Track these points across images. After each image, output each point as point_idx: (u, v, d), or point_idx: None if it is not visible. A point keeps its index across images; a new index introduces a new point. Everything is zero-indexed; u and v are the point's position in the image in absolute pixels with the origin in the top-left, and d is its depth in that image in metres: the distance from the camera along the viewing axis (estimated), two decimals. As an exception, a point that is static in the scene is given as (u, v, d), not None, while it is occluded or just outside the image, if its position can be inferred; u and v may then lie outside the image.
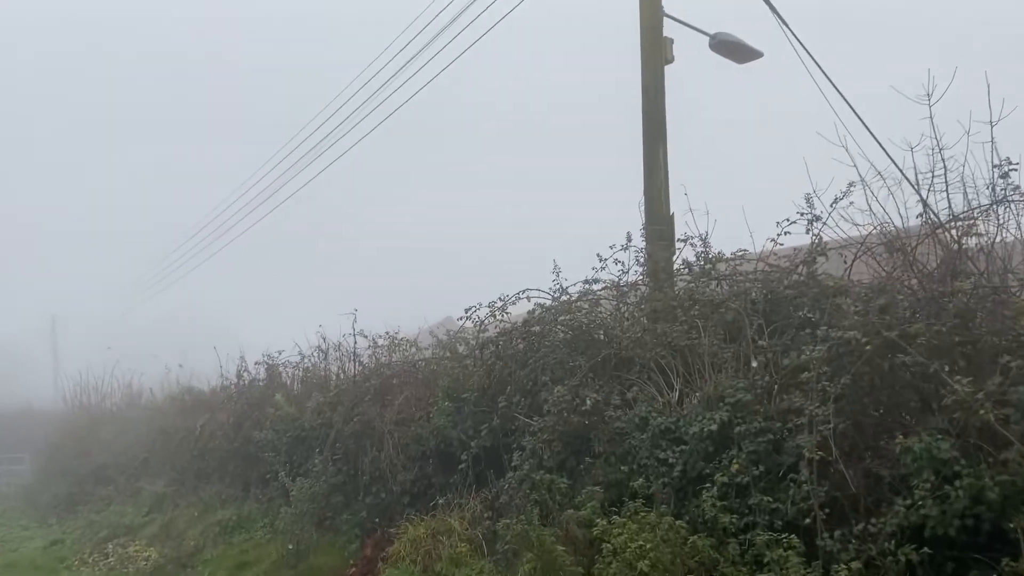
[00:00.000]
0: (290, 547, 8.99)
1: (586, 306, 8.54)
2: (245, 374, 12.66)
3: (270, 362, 12.26)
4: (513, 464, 7.68)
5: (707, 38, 9.90)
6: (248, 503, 11.44)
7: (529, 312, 8.78)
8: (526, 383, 8.35)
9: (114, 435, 18.00)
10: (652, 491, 6.35)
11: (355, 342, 10.84)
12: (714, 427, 6.29)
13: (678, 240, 8.49)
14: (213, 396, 14.00)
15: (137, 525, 13.25)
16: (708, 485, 6.04)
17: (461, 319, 9.33)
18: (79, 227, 63.35)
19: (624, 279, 8.55)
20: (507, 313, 9.09)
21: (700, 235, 8.22)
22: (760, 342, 6.84)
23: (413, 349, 10.32)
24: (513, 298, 9.03)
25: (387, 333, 10.55)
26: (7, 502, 19.52)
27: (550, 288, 8.87)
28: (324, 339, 11.36)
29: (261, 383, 12.46)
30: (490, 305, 9.10)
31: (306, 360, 11.80)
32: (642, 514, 5.99)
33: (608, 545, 5.85)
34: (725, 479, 6.02)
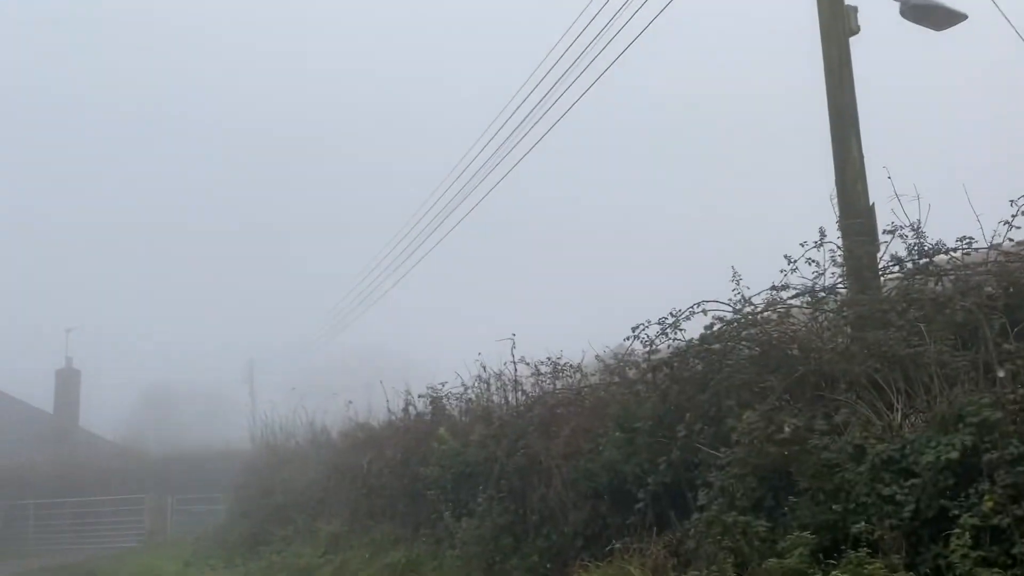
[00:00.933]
0: (458, 594, 8.30)
1: (775, 317, 7.38)
2: (411, 408, 12.27)
3: (434, 394, 11.78)
4: (699, 504, 6.64)
5: (896, 3, 8.56)
6: (418, 544, 10.92)
7: (706, 327, 7.70)
8: (708, 409, 7.29)
9: (295, 474, 18.25)
10: (877, 536, 5.12)
11: (515, 370, 10.13)
12: (954, 455, 5.05)
13: (884, 232, 7.15)
14: (381, 432, 13.74)
15: (314, 567, 13.10)
16: (954, 529, 4.78)
17: (628, 339, 8.37)
18: (269, 275, 67.75)
19: (820, 282, 7.32)
20: (681, 330, 8.06)
21: (911, 224, 6.88)
22: (1005, 346, 5.48)
23: (578, 375, 9.44)
24: (687, 313, 7.98)
25: (549, 359, 9.76)
26: (201, 542, 20.28)
27: (729, 299, 7.77)
28: (484, 368, 10.73)
29: (426, 417, 12.01)
30: (660, 322, 8.10)
31: (468, 391, 11.23)
32: (869, 566, 4.78)
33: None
34: (976, 521, 4.75)
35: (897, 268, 7.01)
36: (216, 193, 76.07)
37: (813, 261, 7.16)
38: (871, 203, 7.82)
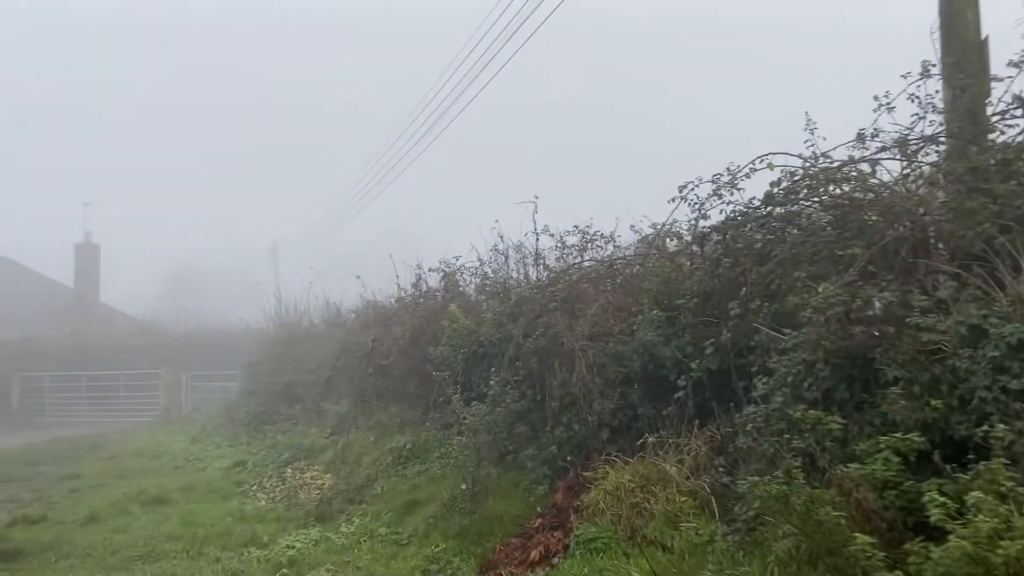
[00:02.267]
0: (464, 487, 7.30)
1: (857, 173, 5.99)
2: (422, 283, 11.12)
3: (447, 268, 10.60)
4: (755, 394, 5.46)
5: None
6: (426, 429, 9.96)
7: (773, 184, 6.33)
8: (769, 283, 6.03)
9: (307, 353, 17.44)
10: (1004, 442, 3.90)
11: (537, 240, 8.88)
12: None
13: (1010, 65, 5.64)
14: (390, 309, 12.65)
15: (318, 448, 12.30)
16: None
17: (674, 200, 7.02)
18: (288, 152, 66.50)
19: (916, 131, 5.88)
20: (739, 190, 6.69)
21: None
22: None
23: (610, 247, 8.17)
24: (747, 168, 6.60)
25: (576, 227, 8.46)
26: (213, 420, 19.77)
27: (800, 154, 6.37)
28: (501, 238, 9.46)
29: (438, 293, 10.87)
30: (714, 179, 6.74)
31: (484, 265, 10.02)
32: (1004, 481, 3.58)
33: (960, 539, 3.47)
34: None
35: (1021, 111, 5.53)
36: (240, 74, 74.04)
37: (915, 97, 5.68)
38: (983, 36, 6.31)
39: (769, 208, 6.55)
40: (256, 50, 74.14)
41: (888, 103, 5.89)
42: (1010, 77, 5.61)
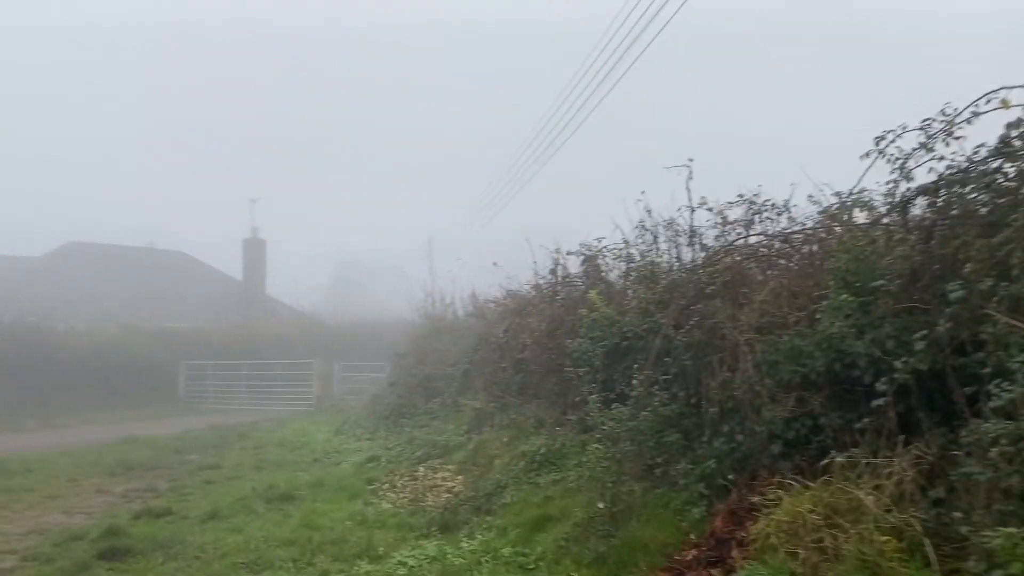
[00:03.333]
0: (600, 505, 6.14)
1: None
2: (560, 269, 10.01)
3: (587, 252, 9.44)
4: (992, 405, 4.03)
5: None
6: (563, 431, 8.87)
7: (1010, 127, 4.78)
8: (1003, 257, 4.53)
9: (449, 345, 16.81)
10: None
11: (692, 214, 7.54)
12: None
13: None
14: (526, 298, 11.63)
15: (452, 446, 11.48)
16: None
17: (868, 155, 5.54)
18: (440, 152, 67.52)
19: None
20: (955, 139, 5.15)
21: None
22: None
23: (784, 219, 6.74)
24: (969, 110, 5.06)
25: (741, 197, 7.07)
26: (356, 411, 19.56)
27: (1047, 87, 4.77)
28: (649, 213, 8.18)
29: (577, 280, 9.74)
30: (923, 127, 5.23)
31: (630, 247, 8.77)
32: None
33: None
34: None
35: None
36: (393, 77, 76.02)
37: None
38: None
39: (1001, 162, 5.00)
40: (407, 55, 75.96)
41: None
42: None
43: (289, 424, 20.08)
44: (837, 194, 6.64)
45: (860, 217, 6.47)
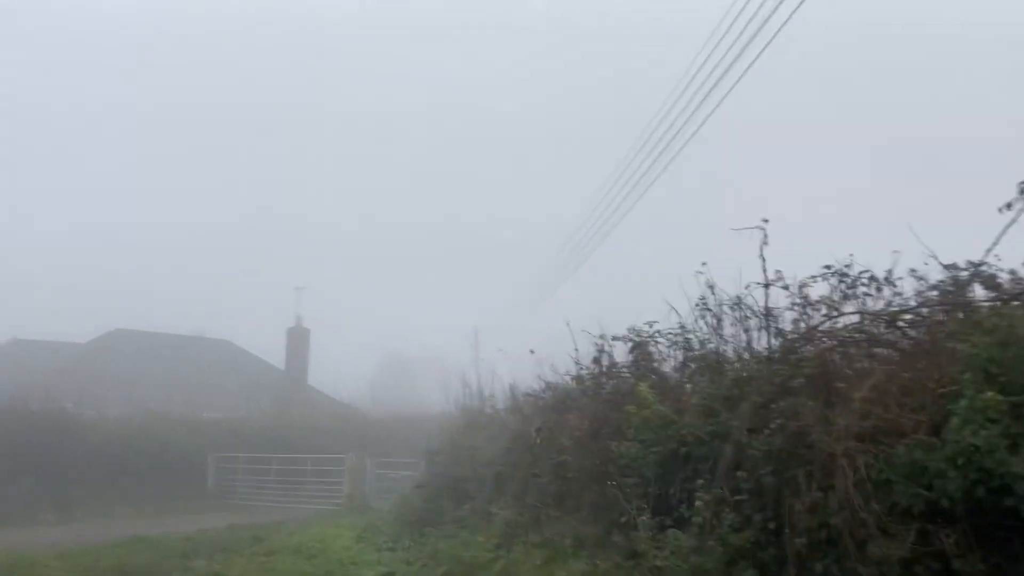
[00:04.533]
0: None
1: None
2: (604, 356, 8.60)
3: (637, 337, 8.07)
4: None
5: None
6: (608, 554, 7.31)
7: None
8: None
9: (483, 442, 15.31)
10: None
11: (767, 291, 6.16)
12: None
13: None
14: (565, 391, 10.20)
15: (479, 563, 9.91)
16: None
17: (1008, 207, 4.17)
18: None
19: None
20: None
21: None
22: None
23: (888, 294, 5.32)
24: None
25: (829, 269, 5.68)
26: (383, 514, 18.03)
27: None
28: (712, 290, 6.79)
29: (625, 369, 8.33)
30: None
31: (687, 332, 7.36)
32: None
33: None
34: None
35: None
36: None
37: None
38: None
39: None
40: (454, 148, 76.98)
41: None
42: None
43: (312, 526, 18.53)
44: (952, 267, 5.23)
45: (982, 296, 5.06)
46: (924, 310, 5.04)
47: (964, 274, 4.94)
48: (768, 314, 6.28)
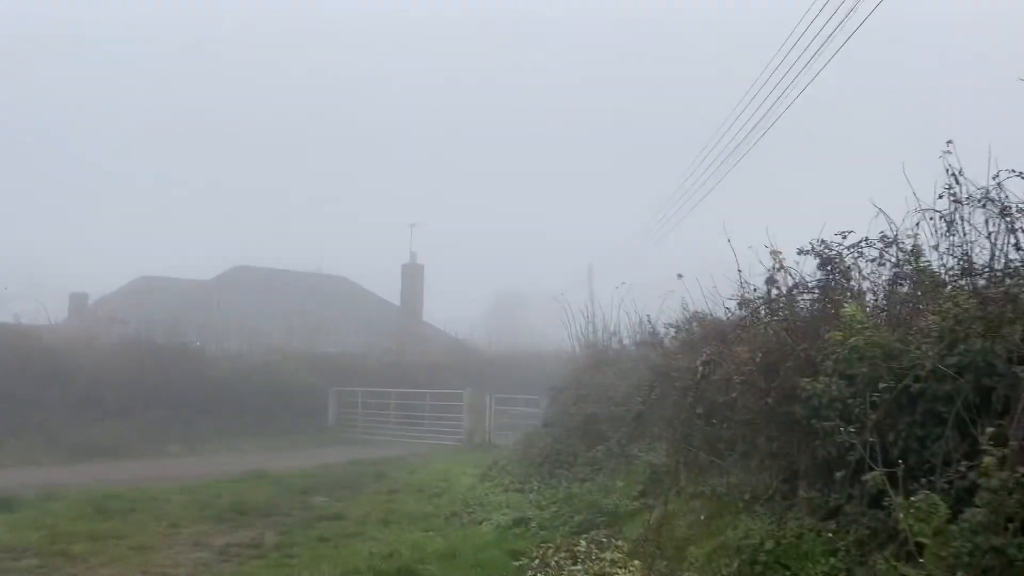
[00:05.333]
0: None
1: None
2: (780, 276, 7.10)
3: (827, 252, 6.55)
4: None
5: None
6: (795, 514, 5.99)
7: None
8: None
9: (614, 379, 14.11)
10: None
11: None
12: None
13: None
14: (727, 323, 8.76)
15: (623, 513, 8.82)
16: None
17: None
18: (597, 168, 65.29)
19: None
20: None
21: None
22: None
23: None
24: None
25: None
26: (506, 453, 17.19)
27: None
28: (957, 179, 5.18)
29: (812, 291, 6.84)
30: None
31: (899, 240, 5.81)
32: None
33: None
34: None
35: None
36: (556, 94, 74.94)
37: None
38: None
39: None
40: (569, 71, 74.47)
41: None
42: None
43: (433, 463, 17.95)
44: None
45: None
46: None
47: None
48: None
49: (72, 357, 22.53)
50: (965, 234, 5.20)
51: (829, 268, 6.55)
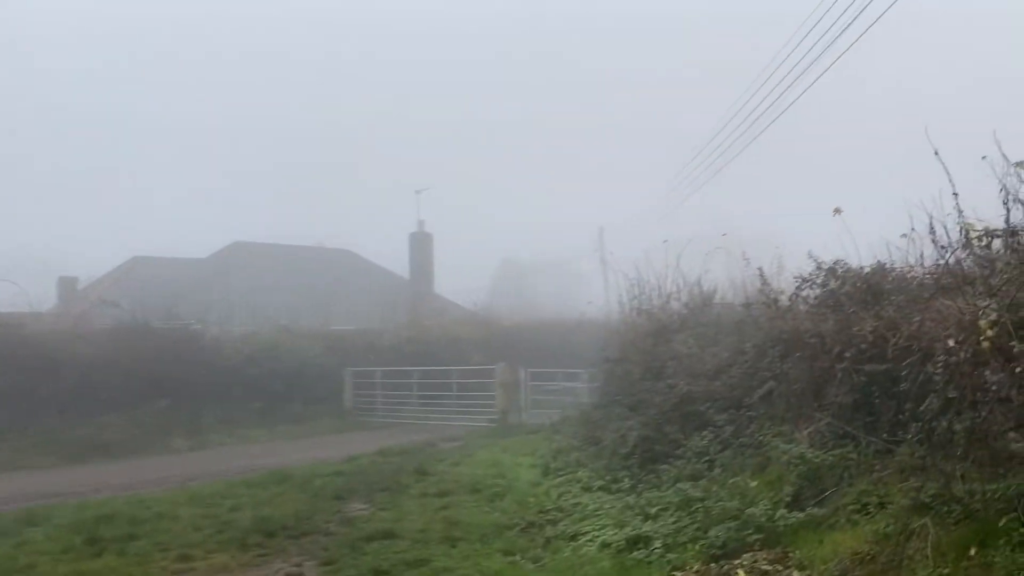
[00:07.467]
0: None
1: None
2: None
3: None
4: None
5: None
6: None
7: None
8: None
9: (695, 348, 11.93)
10: None
11: None
12: None
13: None
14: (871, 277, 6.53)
15: (782, 527, 6.64)
16: None
17: None
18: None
19: None
20: None
21: None
22: None
23: None
24: None
25: None
26: (559, 432, 15.06)
27: None
28: None
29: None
30: None
31: None
32: None
33: None
34: None
35: None
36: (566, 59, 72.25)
37: None
38: None
39: None
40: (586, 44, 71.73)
41: None
42: None
43: (475, 451, 15.80)
44: None
45: None
46: None
47: None
48: None
49: (62, 346, 20.30)
50: None
51: None
